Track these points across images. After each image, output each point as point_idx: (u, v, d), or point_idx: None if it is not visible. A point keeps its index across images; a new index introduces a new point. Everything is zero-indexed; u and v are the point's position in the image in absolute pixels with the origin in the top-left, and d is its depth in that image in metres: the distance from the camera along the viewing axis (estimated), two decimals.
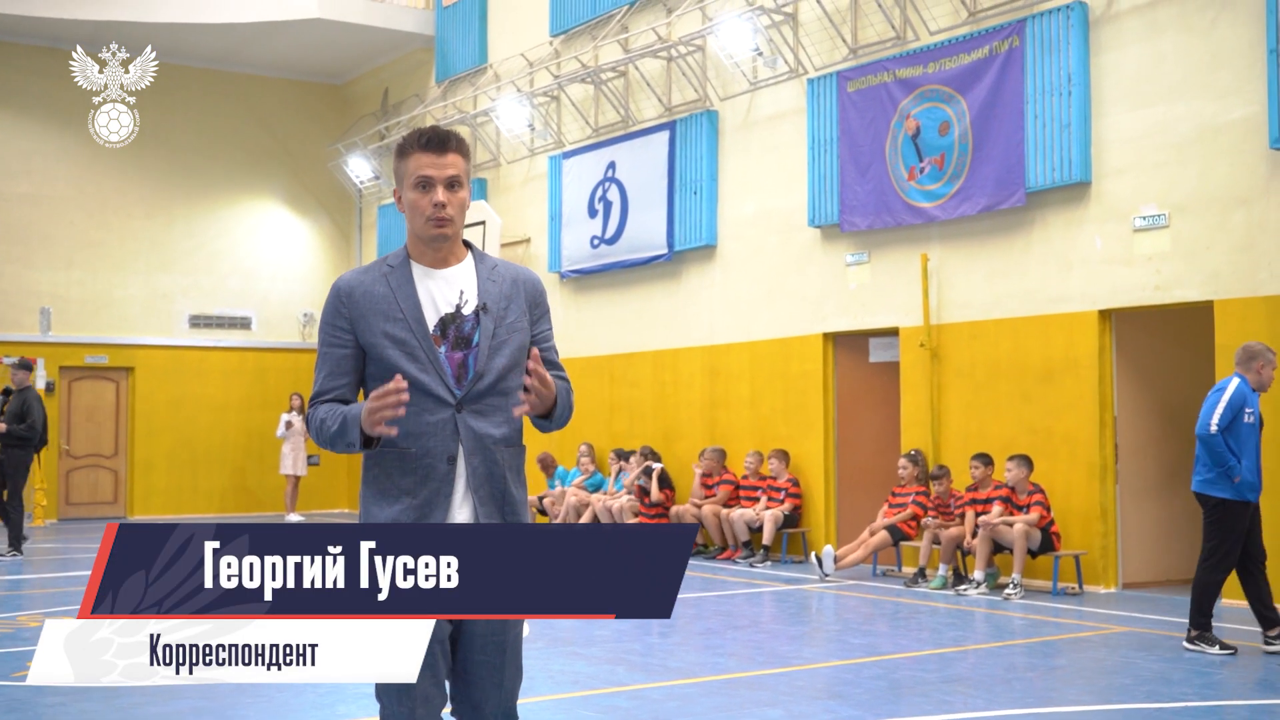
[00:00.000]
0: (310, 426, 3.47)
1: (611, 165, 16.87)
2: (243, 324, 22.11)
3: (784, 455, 14.17)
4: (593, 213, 17.10)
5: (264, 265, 22.44)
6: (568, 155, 17.73)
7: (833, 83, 13.80)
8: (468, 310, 3.45)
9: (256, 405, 21.64)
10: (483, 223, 15.56)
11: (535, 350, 3.33)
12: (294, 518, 20.32)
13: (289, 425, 19.97)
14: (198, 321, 21.70)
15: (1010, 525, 11.17)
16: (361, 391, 3.56)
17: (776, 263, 14.66)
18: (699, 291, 15.75)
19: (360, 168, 21.84)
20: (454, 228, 3.45)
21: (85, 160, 20.86)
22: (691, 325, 15.79)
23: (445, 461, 3.38)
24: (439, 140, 3.43)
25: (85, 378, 20.96)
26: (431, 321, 3.43)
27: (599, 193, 17.05)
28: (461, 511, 3.40)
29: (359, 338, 3.45)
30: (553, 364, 3.59)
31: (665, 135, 16.06)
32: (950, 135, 12.53)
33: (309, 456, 20.48)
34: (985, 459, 11.79)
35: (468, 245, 3.59)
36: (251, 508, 21.79)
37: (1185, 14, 10.91)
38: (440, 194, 3.41)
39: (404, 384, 3.20)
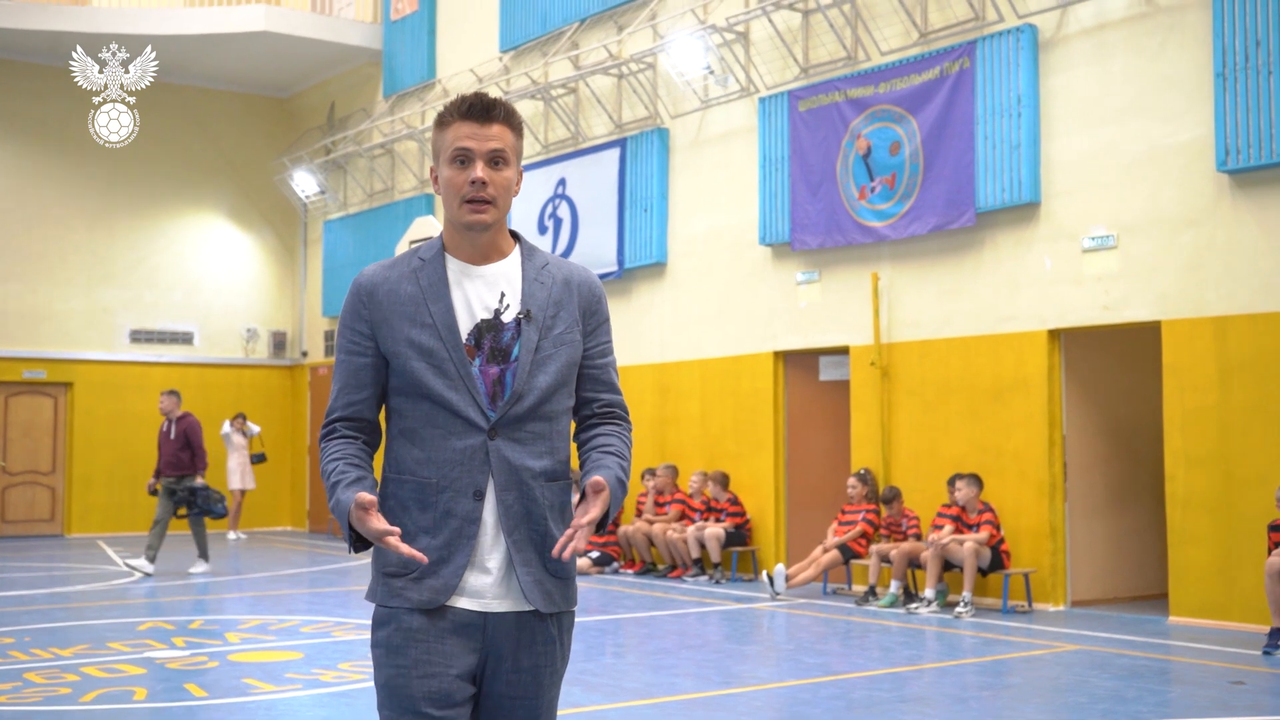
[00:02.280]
0: (321, 457, 3.03)
1: (562, 182, 16.82)
2: (185, 339, 21.81)
3: (722, 477, 14.17)
4: (543, 229, 17.03)
5: (207, 279, 22.16)
6: None
7: (784, 102, 13.84)
8: (508, 317, 2.93)
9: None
10: (429, 239, 15.54)
11: (575, 528, 2.83)
12: (234, 536, 20.05)
13: (228, 437, 19.76)
14: (139, 336, 21.38)
15: (960, 544, 11.21)
16: (383, 408, 3.06)
17: (727, 281, 14.67)
18: (649, 309, 15.73)
19: (305, 182, 21.62)
20: (495, 213, 2.92)
21: (25, 171, 20.54)
22: (642, 343, 15.76)
23: (470, 497, 2.87)
24: (483, 108, 2.91)
25: (23, 393, 20.58)
26: (465, 329, 2.91)
27: (549, 209, 16.99)
28: (492, 557, 2.89)
29: (381, 344, 2.94)
30: (608, 385, 3.10)
31: (616, 152, 16.04)
32: (901, 155, 12.59)
33: (253, 455, 20.18)
34: (972, 479, 11.65)
35: (516, 238, 3.07)
36: None
37: (1134, 37, 11.04)
38: (480, 170, 2.89)
39: (415, 557, 2.77)
